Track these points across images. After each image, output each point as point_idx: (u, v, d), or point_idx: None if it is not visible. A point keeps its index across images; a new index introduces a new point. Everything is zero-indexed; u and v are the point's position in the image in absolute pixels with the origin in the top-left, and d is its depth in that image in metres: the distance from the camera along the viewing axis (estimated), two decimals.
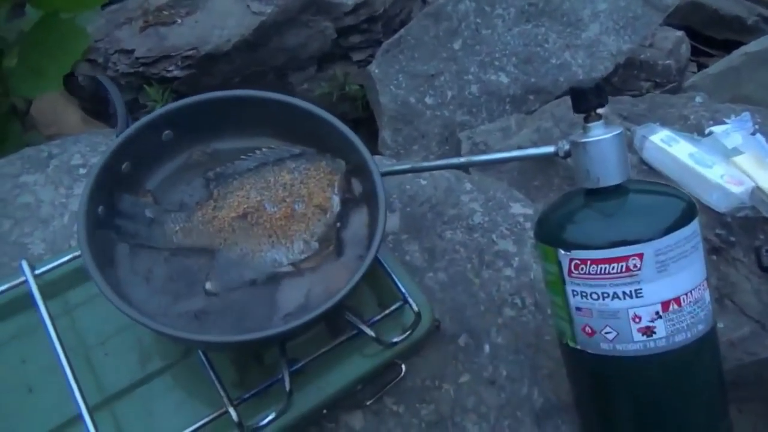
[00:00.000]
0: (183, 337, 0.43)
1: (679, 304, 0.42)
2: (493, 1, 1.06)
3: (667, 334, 0.43)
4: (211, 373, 0.46)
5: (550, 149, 0.48)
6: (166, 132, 0.51)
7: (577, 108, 0.45)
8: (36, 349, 0.49)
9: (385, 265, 0.52)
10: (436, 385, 0.55)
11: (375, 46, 1.13)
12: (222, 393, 0.45)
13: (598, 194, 0.45)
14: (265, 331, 0.41)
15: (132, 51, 1.09)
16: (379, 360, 0.50)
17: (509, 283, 0.62)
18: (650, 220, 0.42)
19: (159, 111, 0.49)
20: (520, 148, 0.85)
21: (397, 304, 0.51)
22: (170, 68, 1.09)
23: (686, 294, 0.43)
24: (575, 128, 0.88)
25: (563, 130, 0.90)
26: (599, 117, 0.44)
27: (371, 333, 0.47)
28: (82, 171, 0.68)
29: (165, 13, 1.14)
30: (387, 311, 0.51)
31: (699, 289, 0.43)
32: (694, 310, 0.43)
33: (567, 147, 0.47)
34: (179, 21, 1.13)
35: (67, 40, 0.73)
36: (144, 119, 0.49)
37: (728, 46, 1.41)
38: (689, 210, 0.43)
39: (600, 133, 0.44)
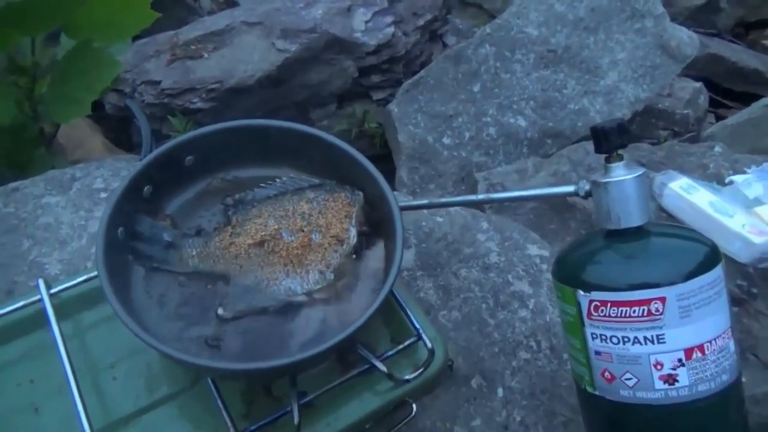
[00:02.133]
0: (194, 363, 0.42)
1: (703, 352, 0.41)
2: (513, 47, 1.08)
3: (690, 383, 0.41)
4: (219, 403, 0.45)
5: (570, 188, 0.48)
6: (189, 158, 0.51)
7: (598, 148, 0.45)
8: (45, 369, 0.48)
9: (400, 299, 0.51)
10: (447, 428, 0.53)
11: (395, 85, 1.16)
12: (229, 424, 0.44)
13: (618, 235, 0.44)
14: (278, 360, 0.41)
15: (159, 82, 1.12)
16: (390, 397, 0.49)
17: (524, 325, 0.61)
18: (673, 263, 0.42)
19: (184, 137, 0.50)
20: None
21: (411, 340, 0.50)
22: (194, 100, 1.12)
23: (710, 342, 0.41)
24: (592, 173, 0.88)
25: (580, 175, 0.90)
26: (621, 157, 0.44)
27: (384, 368, 0.46)
28: (103, 195, 0.69)
29: (193, 47, 1.17)
30: (400, 347, 0.50)
31: (723, 338, 0.42)
32: (719, 359, 0.42)
33: (587, 187, 0.46)
34: (206, 55, 1.16)
35: (99, 68, 0.76)
36: (168, 144, 0.49)
37: (746, 99, 1.42)
38: (713, 255, 0.42)
39: (622, 174, 0.43)
